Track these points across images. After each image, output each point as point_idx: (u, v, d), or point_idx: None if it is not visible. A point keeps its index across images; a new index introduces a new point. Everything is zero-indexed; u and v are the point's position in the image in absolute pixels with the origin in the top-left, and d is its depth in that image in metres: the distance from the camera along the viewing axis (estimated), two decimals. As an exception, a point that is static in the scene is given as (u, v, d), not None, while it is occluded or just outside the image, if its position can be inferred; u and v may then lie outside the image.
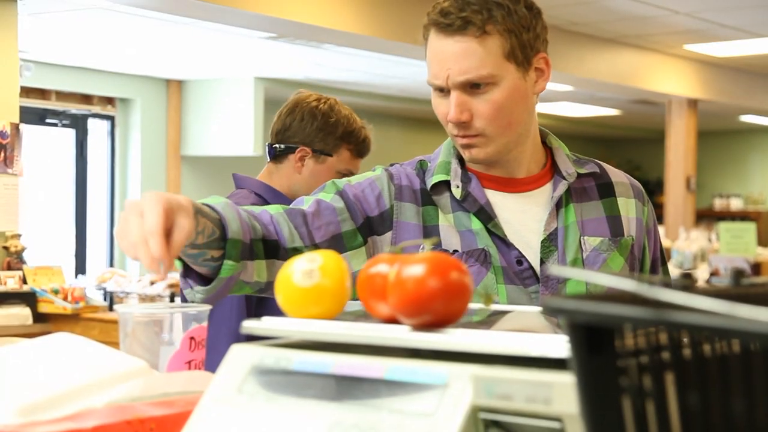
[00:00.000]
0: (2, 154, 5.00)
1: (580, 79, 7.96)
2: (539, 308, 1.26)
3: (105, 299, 5.95)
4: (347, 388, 1.03)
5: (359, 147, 2.38)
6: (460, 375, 0.97)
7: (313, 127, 2.37)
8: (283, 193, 2.35)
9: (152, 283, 6.04)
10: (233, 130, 8.25)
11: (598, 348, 0.75)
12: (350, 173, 2.37)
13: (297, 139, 2.37)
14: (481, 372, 0.94)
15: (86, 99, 7.80)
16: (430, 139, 11.32)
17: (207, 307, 1.69)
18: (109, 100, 8.00)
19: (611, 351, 0.75)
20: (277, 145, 2.39)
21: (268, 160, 2.42)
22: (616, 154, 13.53)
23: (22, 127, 5.12)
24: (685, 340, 0.72)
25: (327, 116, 2.36)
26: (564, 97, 9.59)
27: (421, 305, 1.03)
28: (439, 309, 1.04)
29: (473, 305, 1.22)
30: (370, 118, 10.31)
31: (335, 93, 9.15)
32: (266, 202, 2.29)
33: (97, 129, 8.06)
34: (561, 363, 0.91)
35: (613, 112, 10.78)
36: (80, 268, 7.85)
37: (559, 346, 0.92)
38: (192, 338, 1.64)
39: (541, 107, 10.42)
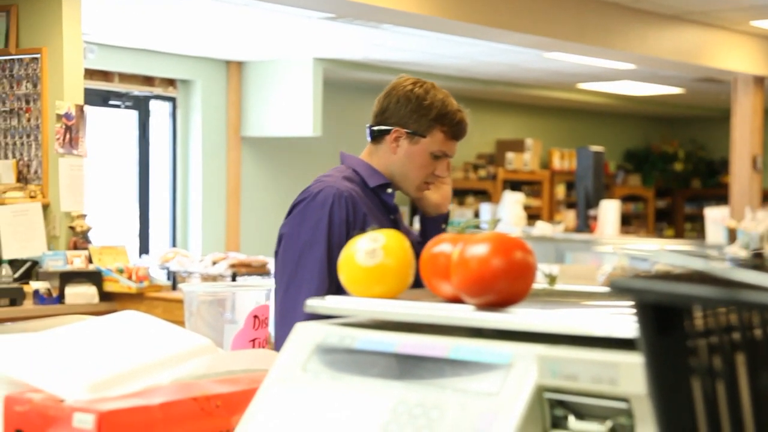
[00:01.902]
0: (68, 136, 5.09)
1: (643, 57, 7.84)
2: (606, 288, 1.25)
3: (168, 278, 6.03)
4: (411, 367, 1.04)
5: (453, 129, 2.43)
6: (524, 355, 0.96)
7: (407, 109, 2.45)
8: (380, 171, 2.45)
9: (214, 263, 6.11)
10: (292, 110, 8.28)
11: (666, 328, 0.74)
12: (444, 155, 2.44)
13: (392, 120, 2.47)
14: (546, 352, 0.94)
15: (148, 81, 7.90)
16: (488, 120, 11.26)
17: (270, 287, 1.70)
18: (171, 82, 8.09)
19: (680, 331, 0.74)
20: (374, 127, 2.50)
21: (369, 140, 2.53)
22: (680, 134, 13.33)
23: (87, 108, 5.20)
24: (756, 320, 0.71)
25: (421, 99, 2.45)
26: (626, 76, 9.46)
27: (485, 284, 1.03)
28: (502, 288, 1.03)
29: (537, 284, 1.21)
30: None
31: (393, 73, 9.09)
32: (362, 179, 2.42)
33: (158, 110, 8.15)
34: (627, 343, 0.90)
35: (676, 90, 10.61)
36: (144, 248, 7.96)
37: (626, 325, 0.91)
38: (256, 317, 1.65)
39: (602, 86, 10.29)
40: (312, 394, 1.07)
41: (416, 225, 10.27)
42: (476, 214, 10.27)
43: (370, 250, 1.15)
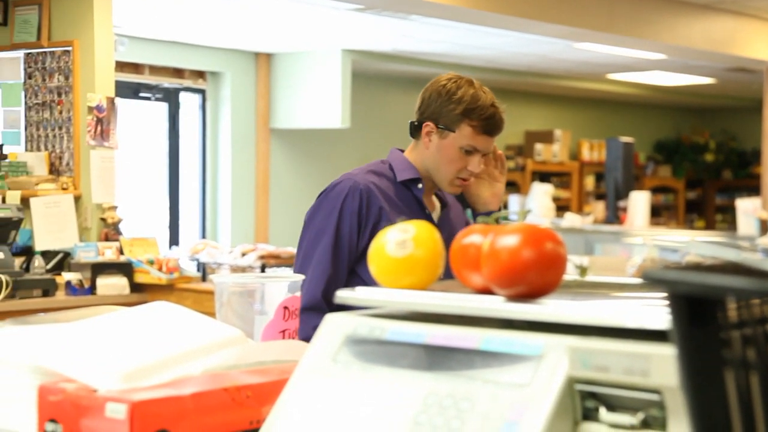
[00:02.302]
0: (99, 128, 5.13)
1: (673, 47, 7.77)
2: (637, 279, 1.24)
3: (198, 270, 6.06)
4: (441, 358, 1.04)
5: (483, 124, 2.43)
6: (555, 346, 0.96)
7: (437, 103, 2.48)
8: (414, 165, 2.51)
9: (243, 254, 6.14)
10: (321, 102, 8.29)
11: (700, 319, 0.73)
12: (475, 150, 2.44)
13: (426, 115, 2.51)
14: (578, 343, 0.94)
15: (178, 73, 7.94)
16: (517, 111, 11.21)
17: (300, 277, 1.71)
18: (200, 74, 8.12)
19: (714, 323, 0.73)
20: (413, 121, 2.57)
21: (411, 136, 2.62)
22: (711, 124, 13.21)
23: (117, 101, 5.24)
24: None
25: (452, 93, 2.47)
26: (656, 66, 9.39)
27: (516, 276, 1.03)
28: (533, 279, 1.03)
29: (568, 276, 1.21)
30: (457, 89, 9.96)
31: (422, 64, 9.12)
32: (393, 171, 2.50)
33: (188, 102, 8.19)
34: (659, 334, 0.89)
35: (707, 80, 10.51)
36: (174, 240, 8.01)
37: (658, 317, 0.91)
38: (286, 308, 1.66)
39: (631, 77, 10.21)
40: (342, 385, 1.08)
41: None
42: (505, 206, 10.24)
43: (400, 241, 1.15)
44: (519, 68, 9.59)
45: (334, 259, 2.33)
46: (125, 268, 4.92)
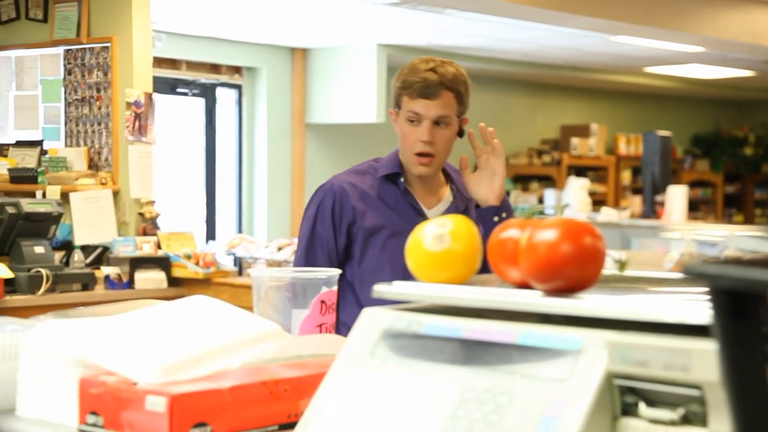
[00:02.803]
0: (137, 124, 5.17)
1: (712, 40, 7.69)
2: (676, 274, 1.23)
3: (234, 264, 6.10)
4: (479, 352, 1.03)
5: (415, 87, 2.38)
6: (594, 341, 0.95)
7: (392, 88, 2.52)
8: (394, 154, 2.52)
9: (279, 249, 6.17)
10: (357, 97, 8.29)
11: (741, 314, 0.73)
12: (417, 116, 2.39)
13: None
14: (617, 338, 0.93)
15: (215, 68, 7.98)
16: (553, 105, 11.15)
17: (336, 272, 1.71)
18: (237, 69, 8.15)
19: (755, 317, 0.73)
20: None
21: None
22: (750, 118, 13.05)
23: (155, 96, 5.28)
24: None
25: (398, 72, 2.49)
26: (694, 59, 9.29)
27: (554, 270, 1.02)
28: (572, 274, 1.03)
29: (607, 270, 1.20)
30: (492, 83, 10.11)
31: (457, 58, 9.07)
32: (378, 162, 2.54)
33: (225, 98, 8.23)
34: (700, 329, 0.89)
35: (746, 73, 10.38)
36: (210, 234, 8.05)
37: (698, 312, 0.90)
38: (323, 302, 1.67)
39: (669, 70, 10.11)
40: (380, 379, 1.08)
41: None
42: (540, 200, 10.19)
43: (437, 236, 1.15)
44: (554, 62, 9.53)
45: (307, 261, 2.43)
46: (163, 263, 4.96)
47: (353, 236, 2.43)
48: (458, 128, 2.46)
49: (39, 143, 5.38)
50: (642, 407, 0.92)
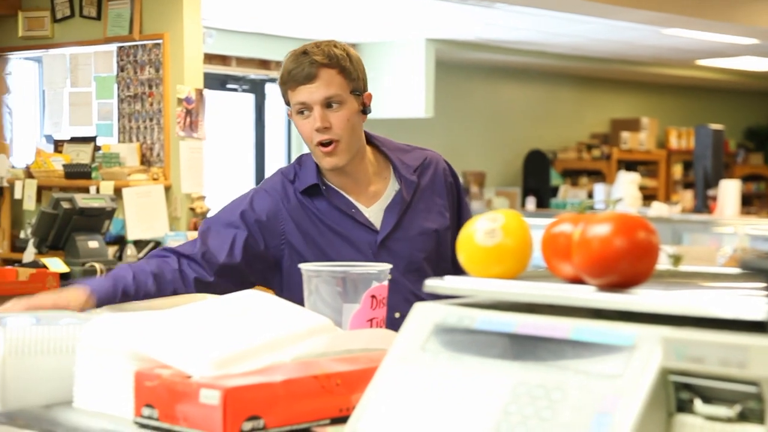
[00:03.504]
0: (188, 119, 5.22)
1: (766, 31, 7.57)
2: (731, 269, 1.22)
3: (283, 259, 6.14)
4: (531, 348, 1.03)
5: (291, 78, 2.18)
6: (648, 336, 0.95)
7: None
8: (305, 162, 2.32)
9: (328, 244, 6.19)
10: (405, 92, 8.29)
11: (801, 310, 0.72)
12: (303, 106, 2.17)
13: None
14: (672, 334, 0.92)
15: (264, 64, 8.03)
16: (602, 99, 11.05)
17: (387, 266, 1.72)
18: (285, 65, 8.21)
19: (815, 314, 0.71)
20: None
21: None
22: (805, 111, 12.84)
23: (206, 92, 5.32)
24: None
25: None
26: (747, 51, 9.15)
27: (607, 265, 1.02)
28: (625, 269, 1.02)
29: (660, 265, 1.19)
30: (541, 77, 10.05)
31: (506, 53, 9.05)
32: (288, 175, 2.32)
33: (274, 93, 8.28)
34: (757, 325, 0.88)
35: (802, 65, 10.22)
36: (259, 229, 8.12)
37: (756, 307, 0.89)
38: (373, 297, 1.67)
39: (722, 62, 9.96)
40: (431, 374, 1.08)
41: (530, 206, 10.11)
42: (590, 195, 10.12)
43: (489, 230, 1.15)
44: (604, 55, 9.45)
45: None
46: (213, 257, 5.00)
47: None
48: (360, 106, 2.22)
49: (93, 139, 5.45)
50: (698, 404, 0.91)
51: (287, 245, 2.21)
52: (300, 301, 1.66)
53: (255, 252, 2.20)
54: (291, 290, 2.13)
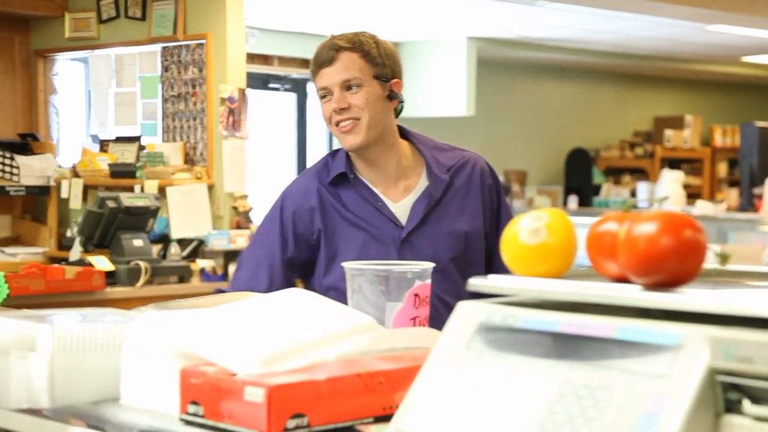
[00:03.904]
0: (230, 119, 5.26)
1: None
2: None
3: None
4: (576, 347, 1.03)
5: (314, 63, 2.22)
6: (696, 336, 0.94)
7: None
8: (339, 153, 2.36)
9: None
10: (446, 90, 8.28)
11: None
12: (324, 90, 2.20)
13: None
14: (719, 333, 0.91)
15: (306, 63, 8.01)
16: (645, 96, 10.94)
17: (430, 265, 1.72)
18: (327, 64, 8.24)
19: None
20: None
21: None
22: None
23: (248, 92, 5.35)
24: None
25: None
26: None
27: (654, 264, 1.01)
28: (672, 268, 1.01)
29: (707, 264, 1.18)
30: (582, 75, 9.96)
31: (548, 50, 8.99)
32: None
33: (316, 92, 8.31)
34: (807, 326, 0.86)
35: None
36: (301, 228, 8.16)
37: (806, 308, 0.88)
38: (416, 295, 1.67)
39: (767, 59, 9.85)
40: (475, 372, 1.08)
41: (572, 204, 10.04)
42: (633, 194, 10.04)
43: (533, 229, 1.14)
44: (647, 52, 9.36)
45: None
46: (256, 256, 5.03)
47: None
48: (385, 92, 2.21)
49: (137, 139, 5.51)
50: (746, 404, 0.90)
51: (320, 237, 2.23)
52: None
53: (302, 260, 2.25)
54: (330, 274, 2.18)
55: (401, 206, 2.23)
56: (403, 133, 2.30)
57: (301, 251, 2.24)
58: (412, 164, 2.26)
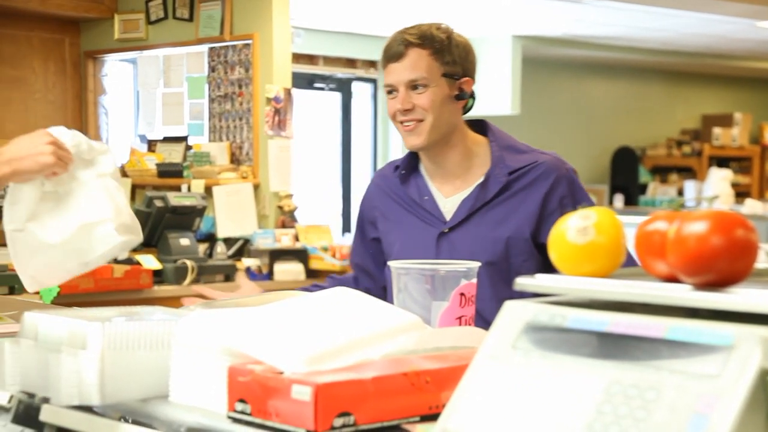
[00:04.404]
0: (276, 118, 5.29)
1: None
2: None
3: (370, 257, 6.16)
4: (624, 347, 1.02)
5: (383, 56, 2.17)
6: (748, 336, 0.92)
7: None
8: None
9: (415, 242, 6.19)
10: (491, 89, 8.26)
11: None
12: (391, 87, 2.16)
13: None
14: (772, 334, 0.90)
15: (351, 63, 8.08)
16: (693, 94, 10.82)
17: (476, 264, 1.71)
18: (372, 64, 8.23)
19: None
20: None
21: None
22: None
23: (294, 91, 5.38)
24: None
25: None
26: None
27: (704, 263, 1.00)
28: (723, 267, 1.00)
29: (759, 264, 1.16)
30: (629, 73, 9.88)
31: (594, 48, 8.92)
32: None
33: (360, 92, 8.32)
34: None
35: None
36: (346, 227, 8.16)
37: None
38: (462, 294, 1.67)
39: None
40: (522, 372, 1.07)
41: (618, 203, 9.95)
42: (680, 192, 9.93)
43: (581, 228, 1.13)
44: (696, 50, 9.25)
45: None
46: (301, 255, 5.06)
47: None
48: (453, 91, 2.17)
49: (184, 139, 5.56)
50: (799, 406, 0.89)
51: (378, 222, 2.30)
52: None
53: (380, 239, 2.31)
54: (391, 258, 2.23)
55: (451, 202, 2.20)
56: (483, 128, 2.26)
57: (374, 231, 2.31)
58: (480, 161, 2.21)
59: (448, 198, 2.20)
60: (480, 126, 2.27)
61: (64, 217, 1.84)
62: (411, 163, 2.26)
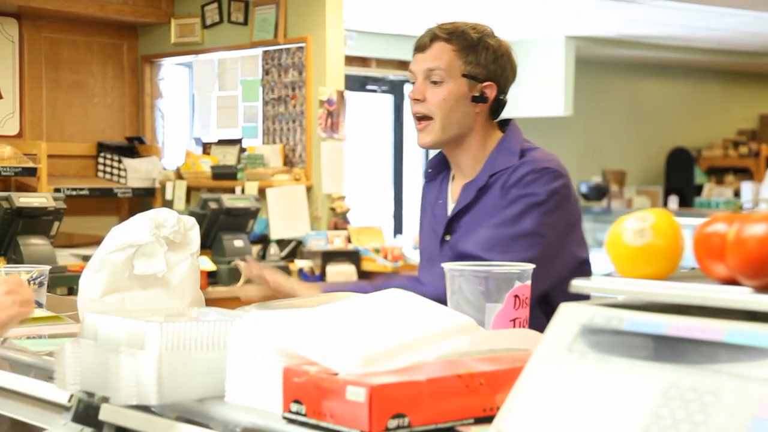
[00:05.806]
0: (329, 121, 5.31)
1: None
2: None
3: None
4: (681, 350, 1.01)
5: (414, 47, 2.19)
6: (809, 340, 0.91)
7: None
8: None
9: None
10: (544, 90, 8.21)
11: None
12: (412, 73, 2.17)
13: None
14: (835, 338, 0.88)
15: (402, 65, 8.09)
16: (750, 94, 10.64)
17: (530, 266, 1.70)
18: (424, 66, 8.26)
19: None
20: None
21: None
22: None
23: (346, 94, 5.40)
24: None
25: None
26: None
27: (765, 266, 0.98)
28: (784, 270, 0.98)
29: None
30: (684, 73, 9.75)
31: (648, 48, 8.82)
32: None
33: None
34: None
35: None
36: (398, 228, 8.17)
37: None
38: (516, 296, 1.66)
39: None
40: (578, 375, 1.07)
41: (672, 205, 9.82)
42: (736, 193, 9.78)
43: (638, 230, 1.12)
44: (753, 49, 9.11)
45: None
46: (353, 256, 5.07)
47: None
48: (472, 92, 2.10)
49: (238, 141, 5.61)
50: None
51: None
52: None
53: None
54: None
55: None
56: (503, 127, 2.22)
57: None
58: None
59: (456, 201, 2.19)
60: (502, 124, 2.23)
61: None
62: (443, 162, 2.24)
